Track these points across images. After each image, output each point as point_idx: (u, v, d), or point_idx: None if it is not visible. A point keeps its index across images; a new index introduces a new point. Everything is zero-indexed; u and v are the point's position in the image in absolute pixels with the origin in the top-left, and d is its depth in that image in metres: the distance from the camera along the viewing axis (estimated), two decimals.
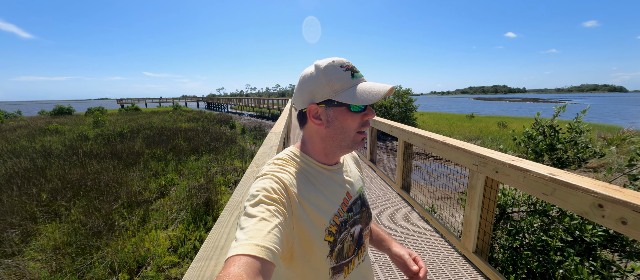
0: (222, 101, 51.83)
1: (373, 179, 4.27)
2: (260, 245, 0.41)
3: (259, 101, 34.95)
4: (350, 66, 0.59)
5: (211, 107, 57.68)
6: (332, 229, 0.59)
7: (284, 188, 0.54)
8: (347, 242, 0.63)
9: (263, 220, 0.45)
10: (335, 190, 0.64)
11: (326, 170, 0.65)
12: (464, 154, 2.17)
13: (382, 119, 4.42)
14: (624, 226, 1.12)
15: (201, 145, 8.87)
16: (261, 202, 0.49)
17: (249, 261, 0.39)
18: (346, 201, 0.65)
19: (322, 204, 0.59)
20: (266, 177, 0.55)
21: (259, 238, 0.42)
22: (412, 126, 16.86)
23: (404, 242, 2.46)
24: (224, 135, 11.21)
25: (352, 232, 0.64)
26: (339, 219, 0.61)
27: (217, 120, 18.39)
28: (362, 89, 0.57)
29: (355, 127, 0.61)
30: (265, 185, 0.52)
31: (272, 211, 0.48)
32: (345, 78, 0.58)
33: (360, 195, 0.71)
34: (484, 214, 2.03)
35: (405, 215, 3.01)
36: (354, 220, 0.66)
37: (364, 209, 0.70)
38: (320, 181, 0.62)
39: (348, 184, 0.68)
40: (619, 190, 1.19)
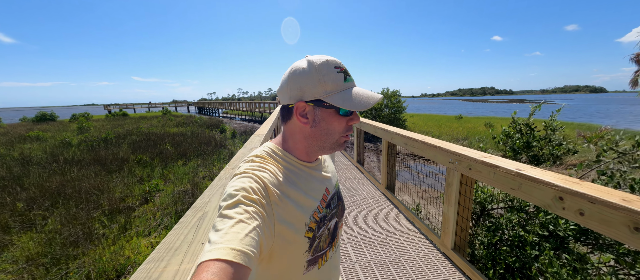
0: (214, 105, 51.26)
1: (359, 180, 4.29)
2: (237, 250, 0.39)
3: (250, 105, 34.71)
4: (343, 68, 0.58)
5: (202, 111, 56.94)
6: (312, 225, 0.59)
7: (263, 187, 0.52)
8: (324, 236, 0.63)
9: (241, 223, 0.43)
10: (314, 187, 0.63)
11: (306, 167, 0.64)
12: (440, 152, 2.21)
13: (367, 120, 4.46)
14: (582, 217, 1.16)
15: (189, 150, 8.73)
16: (240, 202, 0.46)
17: (223, 267, 0.36)
18: (325, 197, 0.65)
19: (302, 201, 0.59)
20: (245, 176, 0.52)
21: (235, 241, 0.40)
22: (402, 127, 17.06)
23: (386, 241, 2.48)
24: (213, 139, 11.07)
25: (329, 226, 0.65)
26: (318, 215, 0.61)
27: (207, 124, 18.16)
28: (355, 94, 0.57)
29: (341, 130, 0.60)
30: (244, 184, 0.50)
31: (250, 212, 0.46)
32: (338, 80, 0.57)
33: (337, 190, 0.72)
34: (461, 210, 2.07)
35: (389, 215, 3.02)
36: (331, 214, 0.66)
37: (339, 202, 0.71)
38: (300, 179, 0.61)
39: (326, 180, 0.68)
40: (578, 183, 1.23)
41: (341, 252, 2.32)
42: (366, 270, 2.08)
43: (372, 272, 2.05)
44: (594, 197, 1.10)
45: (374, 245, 2.41)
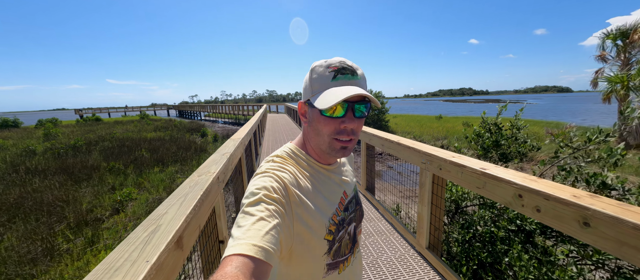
0: (195, 109, 49.76)
1: None
2: (258, 246, 0.40)
3: (234, 108, 34.01)
4: (337, 67, 0.56)
5: (183, 115, 55.05)
6: (332, 228, 0.59)
7: (284, 187, 0.53)
8: (345, 241, 0.63)
9: (262, 220, 0.44)
10: (333, 190, 0.63)
11: (324, 169, 0.64)
12: (414, 153, 2.25)
13: None
14: (539, 213, 1.20)
15: (167, 155, 8.37)
16: (261, 201, 0.48)
17: (245, 261, 0.38)
18: (343, 200, 0.65)
19: (321, 203, 0.59)
20: (266, 175, 0.54)
21: (257, 238, 0.41)
22: (385, 128, 17.34)
23: (364, 243, 2.48)
24: (193, 144, 10.70)
25: (349, 230, 0.64)
26: (337, 217, 0.61)
27: (187, 128, 17.55)
28: (326, 93, 0.55)
29: (329, 132, 0.58)
30: (265, 183, 0.51)
31: (271, 211, 0.47)
32: (325, 80, 0.56)
33: (355, 194, 0.72)
34: (434, 210, 2.10)
35: (369, 216, 3.04)
36: (350, 218, 0.65)
37: (357, 207, 0.70)
38: (318, 180, 0.61)
39: (344, 183, 0.68)
40: (535, 180, 1.28)
41: None
42: (373, 268, 2.06)
43: (379, 271, 2.03)
44: (548, 194, 1.14)
45: None
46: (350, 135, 0.58)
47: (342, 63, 0.57)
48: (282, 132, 11.12)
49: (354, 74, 0.57)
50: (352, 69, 0.57)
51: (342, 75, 0.56)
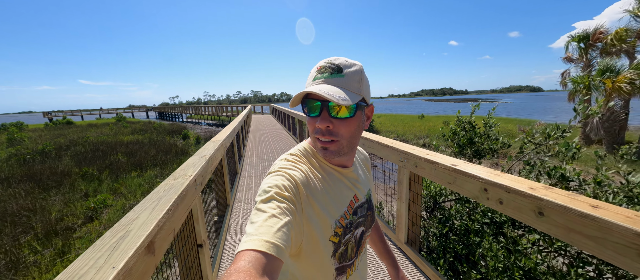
0: (177, 110, 48.07)
1: None
2: (270, 242, 0.42)
3: (218, 109, 33.21)
4: (321, 67, 0.57)
5: (163, 117, 53.04)
6: (338, 230, 0.59)
7: (295, 186, 0.54)
8: (350, 244, 0.62)
9: (273, 217, 0.46)
10: (343, 192, 0.63)
11: (335, 171, 0.64)
12: (392, 151, 2.32)
13: None
14: (501, 205, 1.29)
15: (146, 159, 8.04)
16: (273, 198, 0.49)
17: (257, 256, 0.39)
18: (352, 204, 0.65)
19: (329, 205, 0.59)
20: (278, 174, 0.55)
21: (268, 234, 0.43)
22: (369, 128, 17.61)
23: None
24: (174, 147, 10.34)
25: (356, 234, 0.64)
26: (345, 221, 0.61)
27: (168, 131, 16.93)
28: (297, 93, 0.56)
29: (311, 131, 0.59)
30: (277, 181, 0.53)
31: (282, 208, 0.48)
32: (309, 79, 0.57)
33: (368, 199, 0.71)
34: (411, 206, 2.18)
35: None
36: (358, 222, 0.65)
37: (369, 212, 0.70)
38: (329, 181, 0.61)
39: (356, 187, 0.67)
40: (498, 174, 1.37)
41: None
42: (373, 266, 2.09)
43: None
44: (508, 187, 1.23)
45: None
46: (328, 136, 0.56)
47: (327, 62, 0.57)
48: (267, 133, 11.01)
49: (334, 72, 0.55)
50: (332, 68, 0.56)
51: (320, 74, 0.56)
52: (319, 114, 0.56)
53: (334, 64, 0.56)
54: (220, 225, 2.73)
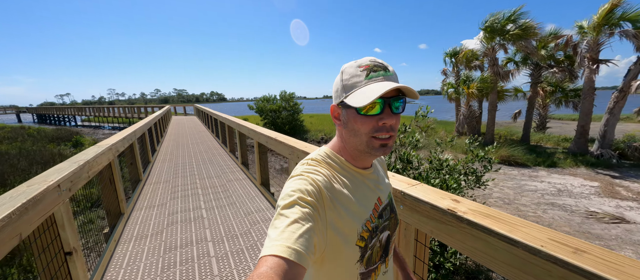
0: (68, 112, 37.97)
1: (240, 181, 4.42)
2: (292, 248, 0.41)
3: (129, 110, 27.95)
4: (368, 65, 0.55)
5: (46, 120, 41.21)
6: (364, 234, 0.58)
7: (317, 190, 0.52)
8: (375, 249, 0.61)
9: (296, 222, 0.45)
10: (367, 195, 0.62)
11: (358, 173, 0.62)
12: (285, 147, 2.65)
13: (242, 122, 4.63)
14: None
15: (13, 173, 6.26)
16: (296, 203, 0.48)
17: (279, 262, 0.39)
18: (377, 207, 0.63)
19: (354, 208, 0.57)
20: (301, 178, 0.54)
21: (291, 240, 0.42)
22: (300, 128, 18.13)
23: (249, 231, 2.73)
24: (59, 156, 8.35)
25: (381, 238, 0.63)
26: (371, 224, 0.60)
27: (51, 137, 13.40)
28: (361, 91, 0.53)
29: (367, 131, 0.56)
30: (299, 186, 0.51)
31: (305, 214, 0.47)
32: (358, 79, 0.55)
33: (390, 201, 0.69)
34: None
35: (260, 207, 3.31)
36: (383, 226, 0.64)
37: (392, 215, 0.68)
38: (353, 184, 0.60)
39: (379, 190, 0.66)
40: None
41: (201, 250, 2.40)
42: (222, 261, 2.24)
43: (227, 262, 2.23)
44: None
45: (236, 237, 2.62)
46: (389, 132, 0.56)
47: (373, 61, 0.56)
48: (187, 135, 10.11)
49: (386, 70, 0.56)
50: (383, 66, 0.56)
51: (375, 73, 0.55)
52: (381, 111, 0.54)
53: (380, 63, 0.56)
54: (110, 235, 2.53)
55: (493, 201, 6.11)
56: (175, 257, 2.27)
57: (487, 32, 10.63)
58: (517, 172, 8.49)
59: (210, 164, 5.53)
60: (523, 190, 6.76)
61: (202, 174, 4.84)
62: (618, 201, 5.78)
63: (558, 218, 5.11)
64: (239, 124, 4.77)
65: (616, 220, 4.82)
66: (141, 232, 2.70)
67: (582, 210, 5.34)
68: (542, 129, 15.20)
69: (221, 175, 4.76)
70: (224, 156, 6.31)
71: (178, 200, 3.58)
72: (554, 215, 5.24)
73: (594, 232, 4.50)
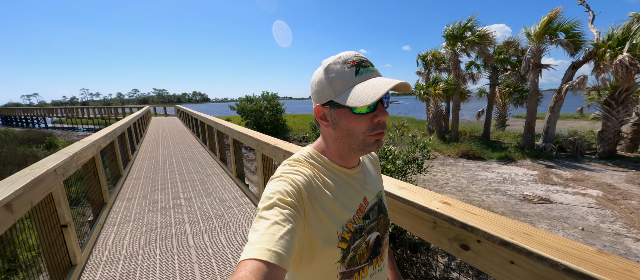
0: (36, 113, 35.49)
1: (218, 175, 4.75)
2: (272, 250, 0.40)
3: (105, 111, 26.72)
4: (356, 61, 0.53)
5: (10, 121, 38.26)
6: (346, 235, 0.56)
7: (297, 190, 0.51)
8: (360, 250, 0.59)
9: (276, 224, 0.44)
10: (351, 195, 0.60)
11: (343, 173, 0.61)
12: (252, 140, 3.06)
13: (220, 121, 4.96)
14: None
15: None
16: (275, 205, 0.47)
17: (259, 266, 0.38)
18: (363, 207, 0.61)
19: (336, 209, 0.56)
20: (280, 180, 0.53)
21: (271, 242, 0.41)
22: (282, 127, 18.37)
23: (222, 214, 3.10)
24: (31, 158, 8.14)
25: (368, 239, 0.61)
26: (353, 225, 0.58)
27: (20, 140, 12.75)
28: (359, 89, 0.51)
29: (363, 129, 0.54)
30: (279, 187, 0.50)
31: (286, 215, 0.46)
32: (347, 76, 0.53)
33: (378, 200, 0.66)
34: (265, 178, 2.99)
35: (234, 195, 3.69)
36: (370, 227, 0.62)
37: (381, 215, 0.66)
38: (336, 185, 0.58)
39: (366, 189, 0.64)
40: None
41: (179, 229, 2.75)
42: (197, 236, 2.62)
43: (202, 237, 2.61)
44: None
45: (211, 219, 2.99)
46: (384, 128, 0.56)
47: (358, 56, 0.54)
48: (167, 135, 10.14)
49: (372, 65, 0.54)
50: (369, 61, 0.55)
51: (364, 69, 0.53)
52: (374, 108, 0.53)
53: (365, 58, 0.55)
54: (95, 221, 2.82)
55: (448, 189, 6.86)
56: (155, 236, 2.62)
57: (448, 39, 11.60)
58: (474, 165, 9.41)
59: (190, 161, 5.79)
60: (475, 180, 7.60)
61: (182, 169, 5.11)
62: (549, 186, 6.73)
63: (497, 201, 5.91)
64: (217, 123, 5.09)
65: (542, 201, 5.68)
66: (124, 218, 3.00)
67: (517, 194, 6.20)
68: (502, 126, 16.63)
69: (200, 170, 5.05)
70: (203, 154, 6.56)
71: (158, 192, 3.87)
72: (495, 199, 6.05)
73: (523, 211, 5.31)
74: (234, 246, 2.41)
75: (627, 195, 5.80)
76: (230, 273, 2.05)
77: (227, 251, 2.32)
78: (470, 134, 14.11)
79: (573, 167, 8.28)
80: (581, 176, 7.39)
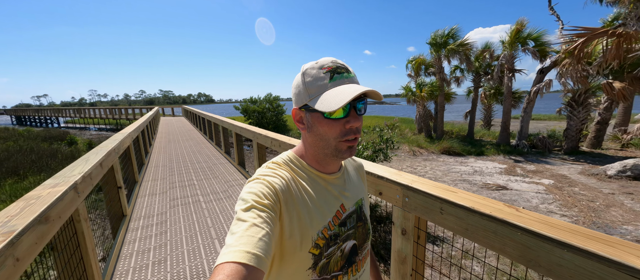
0: (48, 113, 36.52)
1: (224, 164, 5.57)
2: (251, 253, 0.39)
3: (113, 111, 27.66)
4: (331, 67, 0.53)
5: (25, 121, 39.29)
6: (320, 242, 0.55)
7: (274, 193, 0.51)
8: (334, 258, 0.57)
9: (254, 226, 0.43)
10: (328, 201, 0.58)
11: (320, 178, 0.60)
12: (250, 132, 3.87)
13: (224, 118, 5.77)
14: None
15: (23, 165, 6.97)
16: (253, 207, 0.46)
17: (238, 269, 0.37)
18: (340, 214, 0.59)
19: (311, 214, 0.55)
20: (258, 182, 0.52)
21: (250, 245, 0.40)
22: (283, 127, 19.12)
23: (227, 190, 3.91)
24: (59, 152, 9.00)
25: (343, 247, 0.59)
26: (328, 232, 0.56)
27: (43, 137, 13.65)
28: (330, 95, 0.50)
29: (335, 135, 0.53)
30: (255, 190, 0.50)
31: (263, 217, 0.45)
32: (321, 82, 0.52)
33: (357, 208, 0.64)
34: (260, 163, 3.80)
35: (235, 178, 4.50)
36: (346, 235, 0.60)
37: (359, 223, 0.64)
38: (312, 189, 0.57)
39: (344, 196, 0.62)
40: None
41: (195, 199, 3.56)
42: (207, 203, 3.42)
43: (211, 204, 3.41)
44: None
45: (218, 193, 3.80)
46: (356, 134, 0.54)
47: (335, 62, 0.54)
48: (177, 133, 10.99)
49: (348, 71, 0.54)
50: (345, 67, 0.54)
51: (338, 75, 0.53)
52: (347, 114, 0.52)
53: (342, 64, 0.54)
54: (131, 192, 3.65)
55: None
56: (177, 202, 3.44)
57: (433, 46, 12.39)
58: (453, 160, 10.18)
59: (199, 154, 6.61)
60: (449, 172, 8.38)
61: (193, 159, 5.94)
62: (511, 177, 7.49)
63: (463, 188, 6.68)
64: (222, 120, 5.91)
65: (500, 188, 6.45)
66: (152, 192, 3.83)
67: (480, 183, 6.97)
68: (488, 126, 17.36)
69: (208, 160, 5.88)
70: (210, 148, 7.39)
71: (175, 175, 4.69)
72: (461, 187, 6.82)
73: (481, 196, 6.08)
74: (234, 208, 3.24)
75: (572, 183, 6.55)
76: (230, 224, 2.88)
77: (230, 212, 3.13)
78: (457, 133, 14.85)
79: (538, 162, 9.03)
80: (542, 169, 8.14)
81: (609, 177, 6.75)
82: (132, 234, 2.59)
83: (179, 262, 2.14)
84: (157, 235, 2.55)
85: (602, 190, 5.93)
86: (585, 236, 0.67)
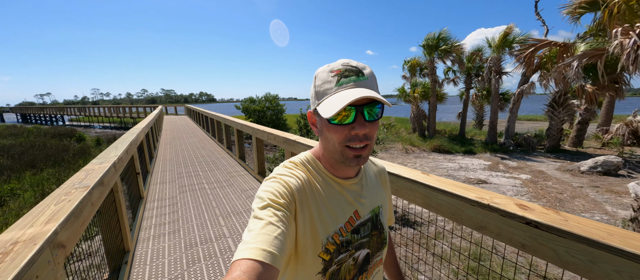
0: (52, 111, 36.83)
1: (225, 158, 5.99)
2: (267, 250, 0.40)
3: (116, 110, 28.04)
4: (340, 70, 0.51)
5: (30, 119, 39.64)
6: (330, 247, 0.54)
7: (289, 193, 0.51)
8: (346, 265, 0.56)
9: (270, 225, 0.44)
10: (341, 206, 0.57)
11: (335, 182, 0.58)
12: (250, 128, 4.29)
13: (226, 116, 6.19)
14: None
15: (38, 159, 7.39)
16: (269, 205, 0.47)
17: (254, 266, 0.38)
18: (353, 220, 0.58)
19: (323, 218, 0.54)
20: (274, 181, 0.52)
21: (266, 242, 0.41)
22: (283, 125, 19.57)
23: (228, 179, 4.34)
24: (70, 148, 9.42)
25: (356, 255, 0.58)
26: (340, 238, 0.55)
27: (52, 134, 14.07)
28: (332, 99, 0.49)
29: (340, 140, 0.51)
30: (272, 188, 0.50)
31: (279, 216, 0.46)
32: (329, 85, 0.51)
33: (373, 216, 0.62)
34: (258, 156, 4.23)
35: (236, 169, 4.93)
36: (360, 243, 0.58)
37: (374, 232, 0.61)
38: (326, 193, 0.56)
39: (359, 202, 0.60)
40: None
41: (201, 186, 3.98)
42: (212, 190, 3.86)
43: (216, 191, 3.84)
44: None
45: (221, 182, 4.23)
46: (364, 141, 0.51)
47: (345, 65, 0.51)
48: (181, 131, 11.41)
49: (359, 74, 0.51)
50: (356, 70, 0.51)
51: (346, 79, 0.50)
52: (353, 120, 0.50)
53: (354, 67, 0.51)
54: (145, 181, 4.09)
55: None
56: (185, 189, 3.87)
57: (425, 48, 12.82)
58: (442, 158, 10.61)
59: (203, 150, 7.04)
60: (437, 168, 8.81)
61: (197, 154, 6.37)
62: (492, 172, 7.93)
63: None
64: (224, 118, 6.34)
65: (480, 182, 6.89)
66: (162, 180, 4.26)
67: (463, 178, 7.40)
68: (480, 126, 17.81)
69: (211, 155, 6.31)
70: (213, 144, 7.82)
71: (182, 167, 5.12)
72: None
73: None
74: (235, 194, 3.66)
75: (547, 178, 6.98)
76: (232, 205, 3.34)
77: (231, 196, 3.57)
78: (450, 133, 15.29)
79: (521, 159, 9.47)
80: (523, 165, 8.58)
81: (582, 172, 7.20)
82: (149, 212, 3.02)
83: (189, 231, 2.57)
84: (170, 213, 2.99)
85: (572, 184, 6.37)
86: (452, 185, 1.11)
